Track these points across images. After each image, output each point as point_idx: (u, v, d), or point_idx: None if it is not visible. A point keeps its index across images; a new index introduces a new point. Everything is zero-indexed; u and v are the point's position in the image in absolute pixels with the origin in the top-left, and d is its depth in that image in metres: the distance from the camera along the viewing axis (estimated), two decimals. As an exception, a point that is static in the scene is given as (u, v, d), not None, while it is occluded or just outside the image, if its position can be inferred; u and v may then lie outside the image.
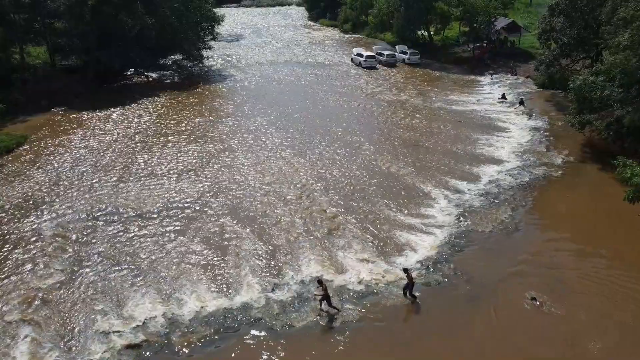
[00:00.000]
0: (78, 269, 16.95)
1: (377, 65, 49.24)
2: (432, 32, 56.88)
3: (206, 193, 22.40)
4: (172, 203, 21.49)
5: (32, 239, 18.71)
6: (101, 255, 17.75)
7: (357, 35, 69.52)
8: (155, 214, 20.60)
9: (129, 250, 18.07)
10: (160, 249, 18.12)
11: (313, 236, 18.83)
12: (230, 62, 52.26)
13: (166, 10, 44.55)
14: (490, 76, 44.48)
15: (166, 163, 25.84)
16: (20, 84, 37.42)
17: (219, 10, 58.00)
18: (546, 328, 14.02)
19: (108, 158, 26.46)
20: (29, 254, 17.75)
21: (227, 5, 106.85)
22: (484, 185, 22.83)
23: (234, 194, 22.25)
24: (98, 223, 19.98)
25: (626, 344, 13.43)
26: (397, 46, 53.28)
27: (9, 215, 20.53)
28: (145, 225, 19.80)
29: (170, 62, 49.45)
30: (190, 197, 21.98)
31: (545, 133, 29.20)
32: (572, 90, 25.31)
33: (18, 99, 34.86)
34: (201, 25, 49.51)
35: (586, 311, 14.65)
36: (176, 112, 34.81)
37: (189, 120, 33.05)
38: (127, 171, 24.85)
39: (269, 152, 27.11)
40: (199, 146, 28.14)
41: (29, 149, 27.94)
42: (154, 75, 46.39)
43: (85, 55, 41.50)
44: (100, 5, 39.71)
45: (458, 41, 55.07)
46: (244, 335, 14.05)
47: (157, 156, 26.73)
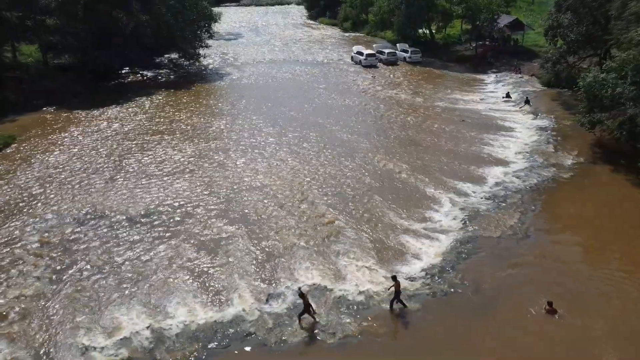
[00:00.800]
0: (60, 278, 15.91)
1: (378, 63, 48.21)
2: (434, 31, 55.83)
3: (199, 195, 21.36)
4: (163, 206, 20.46)
5: (14, 245, 17.66)
6: (85, 262, 16.70)
7: (357, 33, 68.54)
8: (144, 218, 19.56)
9: (115, 257, 17.02)
10: (148, 256, 17.07)
11: (310, 242, 17.79)
12: (227, 61, 51.26)
13: (162, 7, 43.56)
14: (493, 75, 43.39)
15: (159, 163, 24.82)
16: (11, 83, 36.40)
17: (218, 9, 57.00)
18: (561, 340, 12.99)
19: (99, 158, 25.43)
20: (9, 262, 16.69)
21: (226, 4, 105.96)
22: (490, 187, 21.77)
23: (228, 197, 21.21)
24: (84, 228, 18.94)
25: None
26: (398, 44, 52.25)
27: (-9, 219, 19.52)
28: (133, 229, 18.76)
29: (166, 61, 48.55)
30: (182, 200, 20.93)
31: (552, 133, 28.12)
32: (582, 88, 24.23)
33: (7, 98, 33.82)
34: (198, 23, 48.49)
35: (602, 321, 13.61)
36: (171, 111, 33.79)
37: (184, 119, 32.02)
38: (118, 172, 23.82)
39: (265, 152, 26.07)
40: (193, 146, 27.11)
41: (17, 150, 26.90)
42: (150, 74, 45.37)
43: (78, 53, 40.52)
44: (93, 2, 38.73)
45: (460, 39, 54.01)
46: (234, 351, 13.01)
47: (150, 156, 25.71)
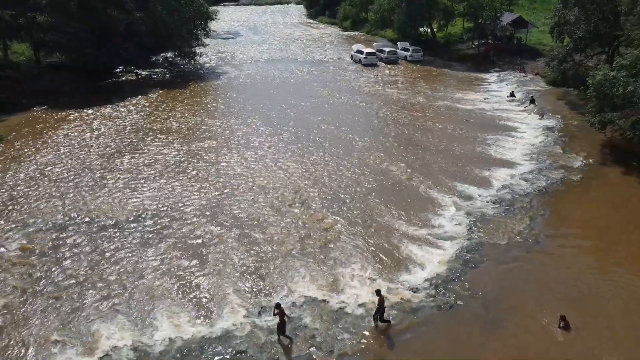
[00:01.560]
0: (37, 288, 14.84)
1: (378, 62, 47.19)
2: (435, 29, 54.79)
3: (190, 198, 20.31)
4: (152, 209, 19.41)
5: (-9, 253, 16.64)
6: (66, 271, 15.63)
7: (357, 32, 67.54)
8: (131, 223, 18.49)
9: (98, 265, 15.95)
10: (133, 264, 16.02)
11: (307, 249, 16.74)
12: (224, 60, 50.23)
13: (157, 5, 42.50)
14: (496, 74, 42.34)
15: (150, 164, 23.78)
16: (1, 82, 35.32)
17: (216, 8, 55.98)
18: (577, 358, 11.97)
19: (88, 160, 24.37)
20: (-16, 271, 15.67)
21: (225, 3, 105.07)
22: (497, 190, 20.71)
23: (221, 199, 20.16)
24: (68, 233, 17.87)
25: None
26: (399, 43, 51.23)
27: (-31, 225, 18.46)
28: (119, 235, 17.69)
29: (162, 60, 47.48)
30: (172, 203, 19.88)
31: (559, 133, 27.06)
32: (591, 86, 23.18)
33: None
34: (194, 21, 47.44)
35: (621, 334, 12.55)
36: (165, 111, 32.74)
37: (177, 118, 30.96)
38: (108, 173, 22.79)
39: (261, 153, 25.00)
40: (186, 146, 26.06)
41: (4, 151, 25.77)
42: (145, 73, 44.27)
43: (71, 52, 39.46)
44: (86, -1, 37.77)
45: (462, 38, 52.94)
46: (223, 372, 11.98)
47: (141, 157, 24.68)
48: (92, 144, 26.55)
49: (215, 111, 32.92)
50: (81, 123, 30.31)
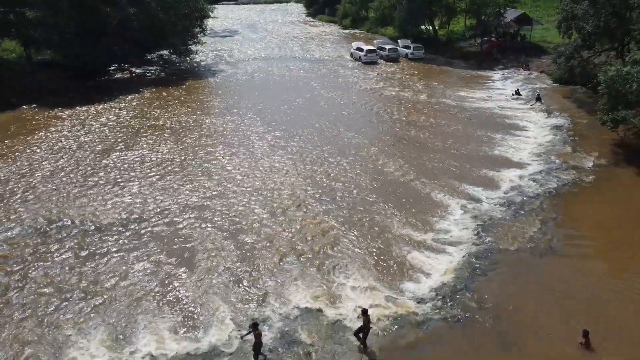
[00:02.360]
0: (9, 300, 13.70)
1: (379, 60, 46.07)
2: (437, 26, 53.64)
3: (180, 200, 19.17)
4: (140, 212, 18.28)
5: (-36, 260, 15.50)
6: (43, 281, 14.50)
7: (357, 30, 66.45)
8: (117, 228, 17.36)
9: (78, 274, 14.80)
10: (116, 273, 14.87)
11: (303, 256, 15.59)
12: (221, 58, 49.11)
13: (151, 1, 41.35)
14: (500, 72, 41.17)
15: (140, 164, 22.65)
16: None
17: (215, 6, 55.06)
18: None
19: (75, 160, 23.23)
20: (-45, 279, 14.54)
21: (224, 2, 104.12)
22: (505, 192, 19.56)
23: (213, 202, 19.01)
24: (49, 239, 16.73)
25: None
26: (400, 40, 50.06)
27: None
28: (103, 241, 16.54)
29: (157, 58, 46.40)
30: (161, 207, 18.73)
31: (568, 132, 25.88)
32: (603, 82, 22.04)
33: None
34: (190, 18, 46.33)
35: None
36: (157, 109, 31.61)
37: (171, 117, 29.83)
38: (96, 174, 21.67)
39: (256, 152, 23.86)
40: (179, 145, 24.93)
41: (-13, 150, 24.74)
42: (139, 70, 43.16)
43: (61, 49, 38.30)
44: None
45: (464, 35, 51.83)
46: (208, 394, 10.85)
47: (132, 156, 23.57)
48: (82, 143, 25.44)
49: (210, 109, 31.80)
50: (71, 122, 29.21)
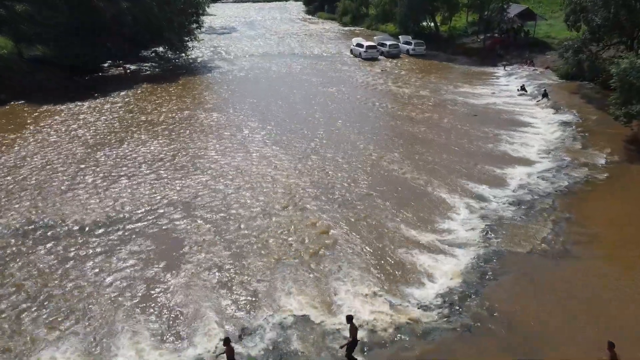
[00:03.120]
0: (-21, 307, 12.63)
1: (379, 56, 44.99)
2: (439, 23, 52.54)
3: (169, 199, 18.07)
4: (125, 211, 17.19)
5: None
6: (17, 286, 13.39)
7: (357, 27, 65.32)
8: (101, 228, 16.26)
9: (55, 279, 13.70)
10: (97, 278, 13.77)
11: (298, 258, 14.50)
12: (218, 54, 48.03)
13: (146, -4, 40.27)
14: (504, 68, 40.08)
15: (130, 161, 21.56)
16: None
17: (214, 5, 54.01)
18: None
19: (64, 156, 22.13)
20: None
21: (223, 0, 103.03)
22: (513, 191, 18.46)
23: (203, 200, 17.92)
24: (27, 240, 15.63)
25: None
26: (401, 36, 49.00)
27: None
28: (85, 243, 15.45)
29: (152, 55, 45.34)
30: (149, 204, 17.65)
31: (577, 128, 24.80)
32: (616, 75, 20.98)
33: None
34: (186, 14, 45.26)
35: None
36: (150, 105, 30.52)
37: (164, 113, 28.73)
38: (82, 171, 20.58)
39: (251, 151, 22.76)
40: (171, 142, 23.83)
41: (-30, 147, 23.65)
42: (133, 67, 42.04)
43: (52, 44, 37.15)
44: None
45: (466, 31, 50.74)
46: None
47: (121, 153, 22.46)
48: (71, 140, 24.35)
49: (204, 105, 30.70)
50: (61, 117, 28.11)
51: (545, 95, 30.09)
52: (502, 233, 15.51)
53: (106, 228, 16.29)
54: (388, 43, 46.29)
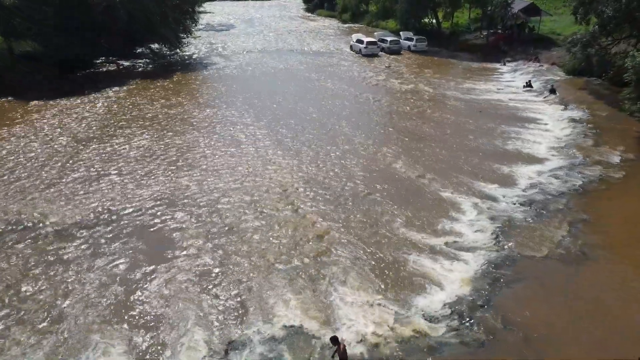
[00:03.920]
0: (-61, 317, 11.46)
1: (380, 52, 43.85)
2: (440, 19, 51.38)
3: (157, 197, 16.90)
4: (110, 211, 16.02)
5: None
6: (-16, 292, 12.26)
7: (357, 24, 64.26)
8: (81, 229, 15.09)
9: (26, 287, 12.53)
10: (73, 285, 12.60)
11: (294, 262, 13.33)
12: (215, 50, 46.89)
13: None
14: (508, 64, 38.93)
15: (115, 160, 20.35)
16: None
17: (212, 3, 52.90)
18: None
19: (45, 155, 20.92)
20: None
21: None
22: (524, 190, 17.30)
23: (193, 201, 16.74)
24: (1, 242, 14.49)
25: None
26: (402, 32, 47.87)
27: None
28: (63, 246, 14.28)
29: (147, 51, 44.19)
30: (134, 205, 16.47)
31: (588, 125, 23.63)
32: (631, 69, 19.85)
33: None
34: (182, 9, 44.12)
35: None
36: (142, 101, 29.35)
37: (156, 109, 27.56)
38: (67, 169, 19.41)
39: (246, 147, 21.60)
40: (162, 138, 22.66)
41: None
42: (127, 63, 40.88)
43: (44, 39, 35.98)
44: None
45: (469, 28, 49.60)
46: None
47: (110, 151, 21.31)
48: (57, 137, 23.18)
49: (198, 101, 29.56)
50: (51, 114, 26.93)
51: (552, 91, 28.94)
52: (514, 235, 14.34)
53: (86, 230, 15.09)
54: (389, 39, 45.17)
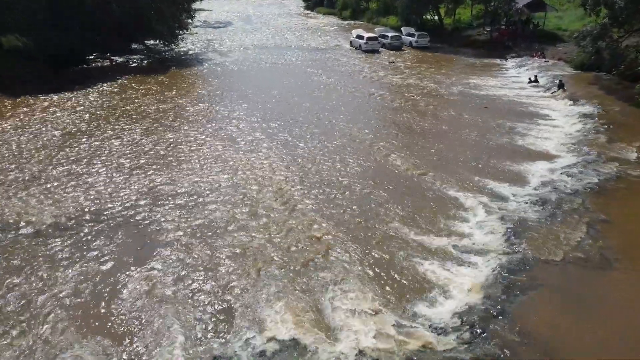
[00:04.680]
0: None
1: (380, 48, 42.76)
2: (443, 15, 50.28)
3: (143, 196, 15.76)
4: (92, 211, 14.86)
5: None
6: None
7: (357, 21, 63.21)
8: (61, 230, 13.96)
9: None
10: (51, 289, 11.45)
11: (289, 269, 12.19)
12: (211, 46, 45.80)
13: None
14: (513, 60, 37.85)
15: (102, 158, 19.16)
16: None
17: (210, 0, 51.88)
18: None
19: (31, 151, 19.80)
20: None
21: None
22: (536, 188, 16.17)
23: (186, 199, 15.62)
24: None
25: None
26: (403, 28, 46.83)
27: None
28: (40, 247, 13.13)
29: (142, 47, 43.12)
30: (119, 204, 15.33)
31: (600, 121, 22.49)
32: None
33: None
34: (177, 4, 42.99)
35: None
36: (135, 97, 28.25)
37: (148, 105, 26.44)
38: (53, 167, 18.19)
39: (240, 145, 20.48)
40: (152, 134, 21.52)
41: None
42: (120, 59, 39.79)
43: (34, 34, 34.89)
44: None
45: (472, 24, 48.50)
46: None
47: (98, 146, 20.16)
48: (42, 133, 21.99)
49: (192, 95, 28.45)
50: (40, 109, 25.77)
51: (561, 86, 27.83)
52: (528, 237, 13.20)
53: (66, 231, 13.97)
54: (390, 35, 44.10)
